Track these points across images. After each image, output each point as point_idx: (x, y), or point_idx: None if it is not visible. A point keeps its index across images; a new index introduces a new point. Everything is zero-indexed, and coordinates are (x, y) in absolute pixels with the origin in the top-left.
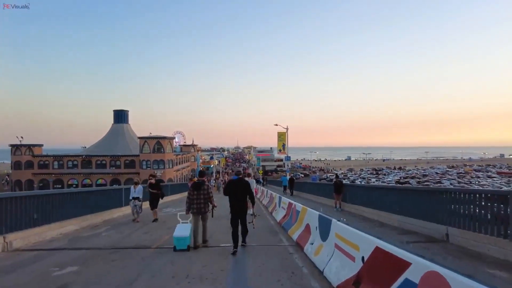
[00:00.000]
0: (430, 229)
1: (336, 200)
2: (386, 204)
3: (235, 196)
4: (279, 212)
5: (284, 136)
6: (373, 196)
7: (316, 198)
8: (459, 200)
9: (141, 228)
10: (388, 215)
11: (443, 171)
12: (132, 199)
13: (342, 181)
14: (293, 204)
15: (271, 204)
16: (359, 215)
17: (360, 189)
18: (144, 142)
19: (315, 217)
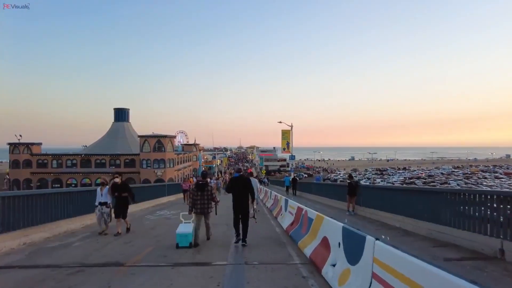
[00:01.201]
0: (476, 242)
1: (349, 203)
2: (412, 209)
3: (237, 192)
4: (286, 217)
5: (289, 134)
6: (395, 199)
7: (322, 199)
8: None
9: (122, 237)
10: (414, 222)
11: (449, 172)
12: (99, 204)
13: (357, 182)
14: (303, 209)
15: (275, 207)
16: (376, 220)
17: (378, 191)
18: (144, 141)
19: (337, 230)
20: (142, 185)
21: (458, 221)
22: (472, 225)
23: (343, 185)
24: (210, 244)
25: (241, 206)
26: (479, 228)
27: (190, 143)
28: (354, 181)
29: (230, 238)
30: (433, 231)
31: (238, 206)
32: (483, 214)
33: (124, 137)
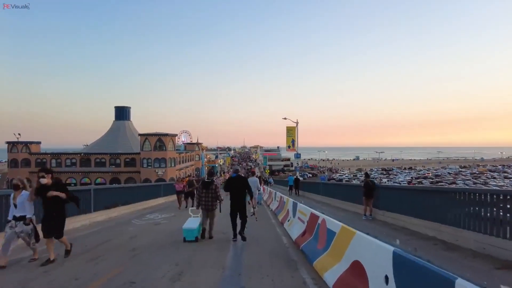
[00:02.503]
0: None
1: (366, 206)
2: (452, 214)
3: (234, 191)
4: (295, 224)
5: (294, 131)
6: (427, 202)
7: (331, 201)
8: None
9: (88, 252)
10: (455, 232)
11: (456, 172)
12: (13, 219)
13: (374, 181)
14: (319, 217)
15: (282, 211)
16: (401, 227)
17: (403, 193)
18: (145, 139)
19: (382, 255)
20: (134, 185)
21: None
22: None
23: (356, 185)
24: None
25: (238, 204)
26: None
27: (193, 142)
28: (371, 181)
29: None
30: (484, 244)
31: (235, 204)
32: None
33: (125, 135)
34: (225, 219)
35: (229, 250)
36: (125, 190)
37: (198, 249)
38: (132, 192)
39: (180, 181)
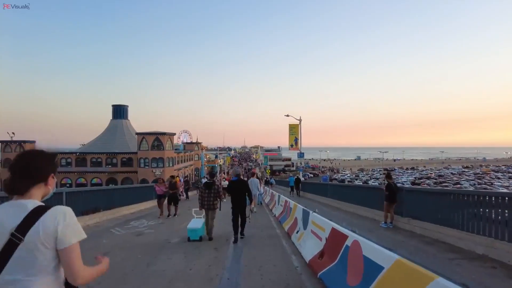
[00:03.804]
0: None
1: (387, 212)
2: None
3: (235, 193)
4: (308, 240)
5: (297, 129)
6: (474, 209)
7: (340, 204)
8: None
9: None
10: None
11: (459, 172)
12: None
13: (396, 183)
14: (348, 237)
15: (287, 219)
16: (435, 240)
17: (438, 197)
18: (142, 139)
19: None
20: (120, 187)
21: None
22: None
23: (374, 188)
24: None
25: (239, 206)
26: None
27: (192, 141)
28: (394, 183)
29: None
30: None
31: (237, 207)
32: None
33: (123, 135)
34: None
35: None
36: (108, 193)
37: None
38: (118, 194)
39: (161, 182)
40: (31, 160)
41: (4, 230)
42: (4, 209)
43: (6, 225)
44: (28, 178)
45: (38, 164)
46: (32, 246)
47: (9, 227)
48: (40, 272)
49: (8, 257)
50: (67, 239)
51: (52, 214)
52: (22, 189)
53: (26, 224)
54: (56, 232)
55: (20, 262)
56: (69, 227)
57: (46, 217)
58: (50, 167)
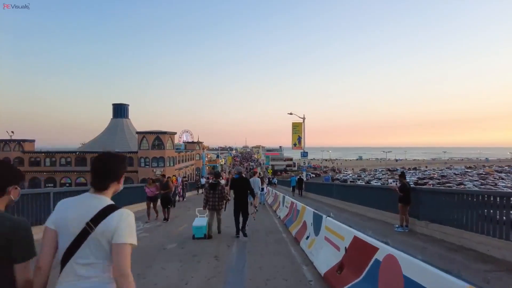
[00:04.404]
0: None
1: (402, 215)
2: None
3: (237, 190)
4: (321, 248)
5: (300, 127)
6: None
7: (347, 205)
8: None
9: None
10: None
11: (462, 172)
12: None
13: (410, 184)
14: (378, 249)
15: (294, 222)
16: (460, 246)
17: (464, 200)
18: (143, 138)
19: None
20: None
21: None
22: None
23: (383, 188)
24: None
25: (241, 203)
26: None
27: (193, 141)
28: (408, 183)
29: None
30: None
31: (238, 203)
32: None
33: (123, 134)
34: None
35: None
36: None
37: None
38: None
39: (151, 183)
40: (112, 162)
41: (82, 219)
42: (86, 201)
43: (85, 215)
44: (107, 178)
45: (116, 165)
46: (99, 236)
47: (87, 217)
48: (105, 257)
49: (82, 242)
50: (120, 237)
51: (118, 214)
52: (101, 186)
53: (98, 217)
54: (115, 229)
55: (90, 247)
56: (126, 228)
57: (113, 215)
58: (123, 168)
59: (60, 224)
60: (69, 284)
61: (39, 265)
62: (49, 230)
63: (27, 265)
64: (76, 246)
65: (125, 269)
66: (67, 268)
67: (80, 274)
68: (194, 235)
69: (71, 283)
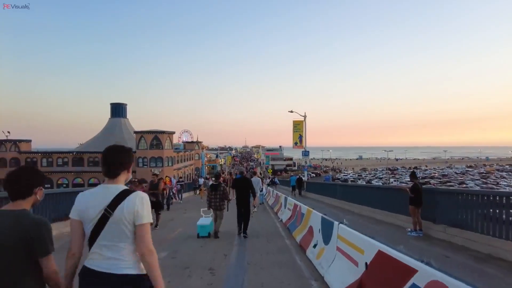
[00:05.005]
0: None
1: (415, 217)
2: None
3: (239, 190)
4: (334, 259)
5: (301, 126)
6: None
7: (352, 206)
8: None
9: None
10: None
11: (463, 171)
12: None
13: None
14: (417, 272)
15: (298, 226)
16: (487, 255)
17: (490, 202)
18: (141, 137)
19: None
20: None
21: None
22: None
23: (393, 188)
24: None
25: (243, 203)
26: None
27: (192, 141)
28: (420, 183)
29: None
30: None
31: (240, 203)
32: None
33: (121, 133)
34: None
35: None
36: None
37: None
38: None
39: (138, 185)
40: (120, 153)
41: (101, 206)
42: (101, 190)
43: (102, 202)
44: (118, 167)
45: (126, 155)
46: (118, 220)
47: (104, 204)
48: (125, 239)
49: (103, 227)
50: (142, 218)
51: (134, 197)
52: (113, 174)
53: (115, 202)
54: (134, 211)
55: (110, 231)
56: (144, 209)
57: (129, 198)
58: (132, 159)
59: (83, 213)
60: (95, 261)
61: (71, 252)
62: (74, 220)
63: (50, 258)
64: (98, 230)
65: (150, 245)
66: (94, 248)
67: (104, 254)
68: (199, 234)
69: (97, 261)
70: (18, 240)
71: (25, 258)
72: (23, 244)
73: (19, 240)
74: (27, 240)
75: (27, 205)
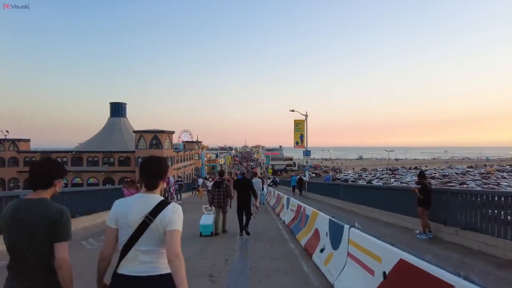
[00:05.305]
0: None
1: (423, 219)
2: None
3: (240, 191)
4: (344, 265)
5: (303, 125)
6: None
7: (356, 207)
8: None
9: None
10: None
11: (463, 171)
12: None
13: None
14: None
15: (302, 229)
16: (508, 260)
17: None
18: (140, 137)
19: None
20: (104, 188)
21: None
22: None
23: (400, 189)
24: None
25: (244, 203)
26: None
27: (192, 140)
28: (430, 183)
29: None
30: None
31: (242, 203)
32: None
33: (120, 133)
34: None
35: None
36: (87, 195)
37: None
38: (101, 196)
39: (131, 185)
40: (158, 165)
41: (142, 213)
42: (142, 199)
43: (143, 210)
44: (157, 178)
45: (164, 166)
46: (156, 227)
47: (145, 211)
48: (160, 245)
49: (142, 232)
50: (174, 225)
51: (171, 207)
52: (153, 186)
53: (156, 211)
54: (169, 219)
55: (149, 237)
56: (177, 218)
57: (168, 208)
58: (167, 169)
59: (121, 220)
60: (132, 267)
61: (103, 255)
62: (110, 228)
63: (65, 245)
64: (137, 236)
65: (178, 250)
66: (130, 254)
67: (141, 259)
68: (201, 233)
69: (134, 267)
70: (46, 225)
71: (50, 243)
72: (49, 229)
73: (47, 225)
74: (52, 225)
75: (47, 195)
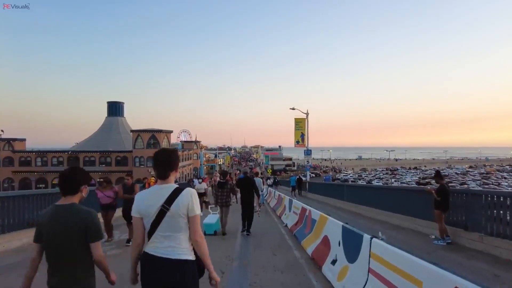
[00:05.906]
0: None
1: (441, 223)
2: None
3: (243, 190)
4: (363, 283)
5: (303, 123)
6: None
7: (361, 209)
8: None
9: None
10: None
11: (463, 172)
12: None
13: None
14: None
15: (308, 235)
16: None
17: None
18: (137, 136)
19: None
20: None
21: None
22: None
23: (412, 190)
24: None
25: (247, 202)
26: None
27: (191, 140)
28: (447, 184)
29: None
30: None
31: (245, 202)
32: None
33: (118, 132)
34: None
35: None
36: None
37: None
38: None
39: (106, 186)
40: (169, 156)
41: (158, 203)
42: (157, 190)
43: (159, 200)
44: (170, 169)
45: (175, 158)
46: (174, 214)
47: (161, 201)
48: (181, 230)
49: (161, 220)
50: (193, 211)
51: (186, 193)
52: (165, 176)
53: (170, 199)
54: (188, 205)
55: (168, 224)
56: (194, 203)
57: (182, 195)
58: (178, 159)
59: (142, 211)
60: (154, 248)
61: (136, 242)
62: (136, 218)
63: (99, 244)
64: (157, 223)
65: (200, 233)
66: (154, 238)
67: (162, 243)
68: (205, 232)
69: (157, 248)
70: (78, 228)
71: (83, 244)
72: (82, 231)
73: (79, 228)
74: (84, 228)
75: (76, 200)
